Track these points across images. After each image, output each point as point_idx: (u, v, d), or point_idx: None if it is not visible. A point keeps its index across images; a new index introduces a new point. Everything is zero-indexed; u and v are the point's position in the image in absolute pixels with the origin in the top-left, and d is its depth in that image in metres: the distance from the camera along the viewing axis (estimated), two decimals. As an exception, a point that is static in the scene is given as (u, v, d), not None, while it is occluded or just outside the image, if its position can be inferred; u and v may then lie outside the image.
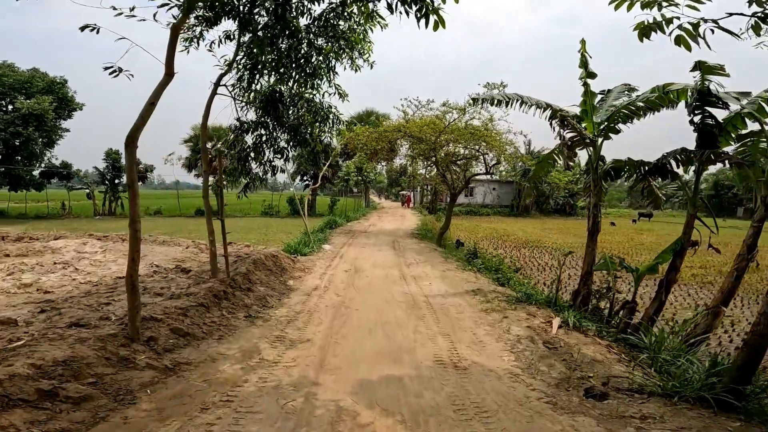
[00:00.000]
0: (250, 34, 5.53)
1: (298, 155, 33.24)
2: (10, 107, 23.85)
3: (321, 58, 5.84)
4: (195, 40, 6.09)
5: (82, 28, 4.11)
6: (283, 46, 5.59)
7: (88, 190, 31.50)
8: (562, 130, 7.03)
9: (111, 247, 9.35)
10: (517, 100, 7.48)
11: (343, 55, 6.12)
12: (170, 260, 8.25)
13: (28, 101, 23.39)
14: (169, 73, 4.25)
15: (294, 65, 5.78)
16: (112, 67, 4.15)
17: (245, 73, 5.95)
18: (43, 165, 27.71)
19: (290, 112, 6.54)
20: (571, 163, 6.77)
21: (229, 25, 9.00)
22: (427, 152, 15.70)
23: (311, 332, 5.19)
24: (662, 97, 5.94)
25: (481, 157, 15.21)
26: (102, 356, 3.52)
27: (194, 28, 6.01)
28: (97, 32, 4.19)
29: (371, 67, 6.96)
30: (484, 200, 43.66)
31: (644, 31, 3.28)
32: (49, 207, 29.66)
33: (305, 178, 35.33)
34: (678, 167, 6.07)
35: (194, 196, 50.79)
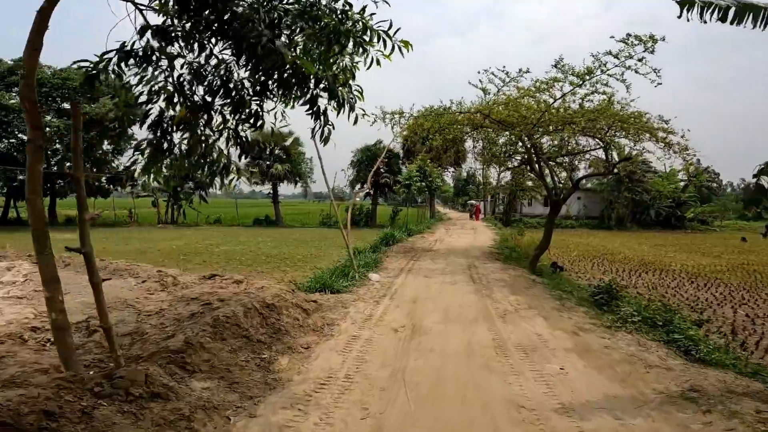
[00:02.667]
0: None
1: (358, 160, 30.21)
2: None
3: None
4: None
5: None
6: None
7: (153, 198, 31.64)
8: None
9: (37, 276, 6.61)
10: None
11: None
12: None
13: (90, 106, 23.06)
14: None
15: None
16: None
17: None
18: (107, 172, 27.80)
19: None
20: None
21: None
22: (515, 142, 11.36)
23: None
24: None
25: (602, 149, 10.48)
26: None
27: None
28: None
29: None
30: (568, 211, 37.12)
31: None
32: (116, 215, 29.93)
33: (365, 185, 32.26)
34: None
35: (253, 205, 50.63)
